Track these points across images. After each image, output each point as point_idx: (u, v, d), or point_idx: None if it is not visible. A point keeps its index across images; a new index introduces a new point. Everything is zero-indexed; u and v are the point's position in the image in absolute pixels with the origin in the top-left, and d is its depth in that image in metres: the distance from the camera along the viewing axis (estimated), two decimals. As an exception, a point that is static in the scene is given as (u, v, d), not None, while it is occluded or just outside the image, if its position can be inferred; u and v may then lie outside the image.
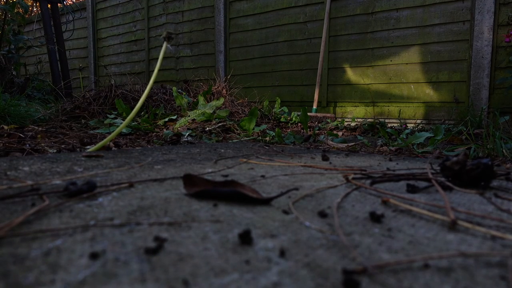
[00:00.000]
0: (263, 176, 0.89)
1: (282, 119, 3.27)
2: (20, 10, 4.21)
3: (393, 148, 1.64)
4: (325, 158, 1.20)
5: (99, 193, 0.67)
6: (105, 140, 1.31)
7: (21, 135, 1.75)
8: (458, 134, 2.29)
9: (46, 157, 1.11)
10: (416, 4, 3.34)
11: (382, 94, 3.58)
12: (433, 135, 1.72)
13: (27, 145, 1.51)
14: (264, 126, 2.52)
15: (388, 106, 3.57)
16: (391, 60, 3.51)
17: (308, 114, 3.43)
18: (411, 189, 0.75)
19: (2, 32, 3.87)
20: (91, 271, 0.36)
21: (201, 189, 0.67)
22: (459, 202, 0.66)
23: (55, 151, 1.43)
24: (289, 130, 2.95)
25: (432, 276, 0.37)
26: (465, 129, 2.25)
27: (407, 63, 3.43)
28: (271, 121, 3.20)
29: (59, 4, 4.60)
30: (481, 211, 0.61)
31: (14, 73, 4.28)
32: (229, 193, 0.65)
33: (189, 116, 2.57)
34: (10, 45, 4.15)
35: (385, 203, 0.65)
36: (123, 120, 2.30)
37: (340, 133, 2.93)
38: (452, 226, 0.52)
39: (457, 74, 3.22)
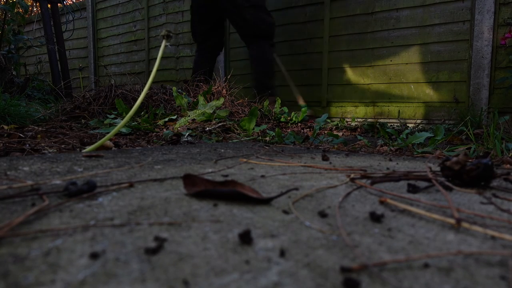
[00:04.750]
0: (263, 176, 0.89)
1: (282, 119, 3.27)
2: (20, 10, 4.21)
3: (393, 148, 1.64)
4: (325, 158, 1.20)
5: (99, 193, 0.67)
6: (103, 139, 1.31)
7: (21, 135, 1.75)
8: (458, 134, 2.29)
9: (46, 157, 1.11)
10: (416, 4, 3.34)
11: (382, 94, 3.58)
12: (433, 135, 1.72)
13: (27, 145, 1.51)
14: (264, 126, 2.52)
15: (388, 106, 3.57)
16: (391, 60, 3.51)
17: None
18: (412, 189, 0.75)
19: (2, 32, 3.87)
20: (91, 271, 0.36)
21: (201, 189, 0.67)
22: (459, 202, 0.66)
23: (55, 151, 1.43)
24: (289, 130, 2.95)
25: (432, 275, 0.37)
26: (465, 129, 2.25)
27: (407, 63, 3.43)
28: (271, 121, 3.20)
29: (59, 4, 4.60)
30: (481, 211, 0.61)
31: (14, 73, 4.28)
32: (229, 193, 0.65)
33: (189, 116, 2.57)
34: (10, 45, 4.15)
35: (385, 203, 0.65)
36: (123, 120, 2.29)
37: (340, 133, 2.93)
38: (457, 226, 0.52)
39: (457, 74, 3.22)
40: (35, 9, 8.49)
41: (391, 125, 3.37)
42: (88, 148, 1.33)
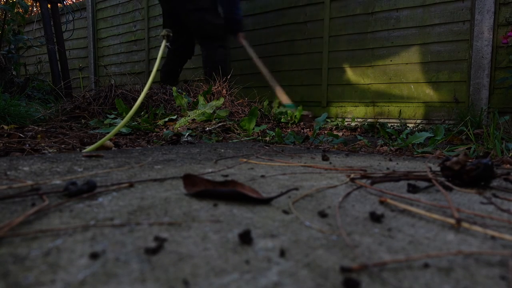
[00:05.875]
0: (263, 176, 0.89)
1: (282, 119, 3.27)
2: (20, 10, 4.21)
3: (393, 148, 1.64)
4: (325, 158, 1.20)
5: (99, 193, 0.67)
6: (103, 139, 1.31)
7: (21, 135, 1.75)
8: (458, 134, 2.29)
9: (46, 157, 1.11)
10: (416, 4, 3.34)
11: (382, 94, 3.58)
12: (433, 135, 1.72)
13: (27, 145, 1.51)
14: (264, 126, 2.52)
15: (388, 106, 3.57)
16: (391, 60, 3.51)
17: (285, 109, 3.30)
18: (412, 189, 0.75)
19: (2, 32, 3.87)
20: (91, 271, 0.36)
21: (201, 189, 0.67)
22: (459, 202, 0.66)
23: (55, 151, 1.43)
24: (289, 130, 2.95)
25: (432, 275, 0.37)
26: (465, 129, 2.25)
27: (407, 63, 3.43)
28: (271, 121, 3.20)
29: (59, 4, 4.60)
30: (481, 211, 0.61)
31: (14, 73, 4.28)
32: (229, 193, 0.65)
33: (189, 116, 2.57)
34: (10, 45, 4.14)
35: (385, 203, 0.65)
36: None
37: (340, 133, 2.93)
38: (457, 226, 0.52)
39: (457, 74, 3.22)
40: (35, 9, 8.49)
41: (391, 125, 3.37)
42: (88, 148, 1.33)
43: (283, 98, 3.45)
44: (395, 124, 3.46)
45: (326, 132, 2.71)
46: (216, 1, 3.67)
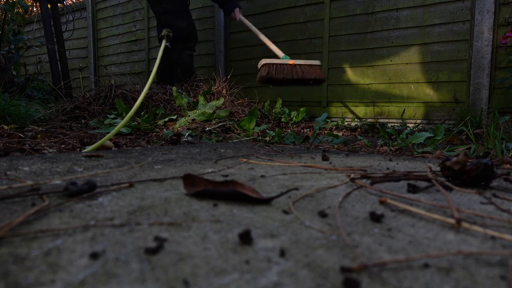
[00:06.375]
0: (263, 176, 0.89)
1: (283, 119, 3.27)
2: (20, 10, 4.21)
3: (393, 148, 1.64)
4: (325, 158, 1.20)
5: (99, 193, 0.67)
6: (103, 139, 1.31)
7: (21, 135, 1.75)
8: (458, 134, 2.29)
9: (46, 157, 1.11)
10: (416, 4, 3.34)
11: (382, 94, 3.58)
12: (433, 135, 1.72)
13: (27, 145, 1.51)
14: (264, 126, 2.52)
15: (388, 106, 3.56)
16: (391, 60, 3.51)
17: (275, 62, 2.65)
18: (412, 189, 0.75)
19: (2, 32, 3.87)
20: (91, 271, 0.36)
21: (201, 189, 0.67)
22: (459, 202, 0.66)
23: (55, 151, 1.43)
24: (289, 130, 2.95)
25: (432, 275, 0.37)
26: (465, 129, 2.25)
27: (407, 63, 3.43)
28: (272, 121, 3.20)
29: (59, 4, 4.60)
30: (481, 211, 0.61)
31: (14, 73, 4.28)
32: (229, 193, 0.65)
33: (189, 116, 2.57)
34: (10, 45, 4.14)
35: (385, 203, 0.65)
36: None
37: (340, 133, 2.93)
38: (457, 226, 0.52)
39: (457, 74, 3.22)
40: (35, 9, 8.49)
41: (391, 125, 3.37)
42: (88, 148, 1.33)
43: (278, 52, 3.08)
44: (395, 124, 3.46)
45: (326, 132, 2.71)
46: (185, 3, 3.73)
